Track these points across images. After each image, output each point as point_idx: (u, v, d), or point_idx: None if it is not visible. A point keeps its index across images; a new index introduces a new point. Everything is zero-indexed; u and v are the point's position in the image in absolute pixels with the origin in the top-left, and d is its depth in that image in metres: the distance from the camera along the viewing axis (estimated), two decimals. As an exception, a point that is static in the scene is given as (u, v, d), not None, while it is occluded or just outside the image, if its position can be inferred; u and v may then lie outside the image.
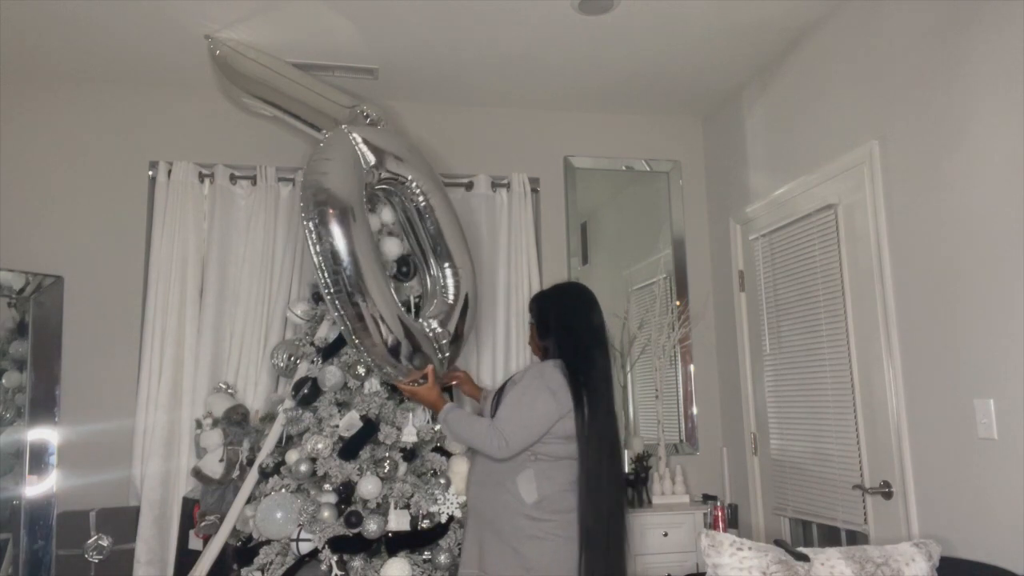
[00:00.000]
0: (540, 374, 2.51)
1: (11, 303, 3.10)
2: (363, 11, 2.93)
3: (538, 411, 2.44)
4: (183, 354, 3.29)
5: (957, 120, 2.37)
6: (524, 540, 2.40)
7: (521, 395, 2.47)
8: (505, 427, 2.43)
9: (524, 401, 2.46)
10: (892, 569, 2.08)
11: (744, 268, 3.64)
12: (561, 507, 2.44)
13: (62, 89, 3.46)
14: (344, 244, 2.57)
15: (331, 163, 2.72)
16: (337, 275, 2.56)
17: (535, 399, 2.45)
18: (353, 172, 2.77)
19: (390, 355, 2.66)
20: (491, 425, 2.45)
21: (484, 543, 2.49)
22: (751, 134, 3.59)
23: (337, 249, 2.57)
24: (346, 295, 2.57)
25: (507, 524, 2.44)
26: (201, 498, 3.01)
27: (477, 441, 2.48)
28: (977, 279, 2.29)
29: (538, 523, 2.41)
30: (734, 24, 3.08)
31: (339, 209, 2.61)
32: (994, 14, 2.24)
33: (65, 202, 3.38)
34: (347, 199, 2.65)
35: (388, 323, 2.63)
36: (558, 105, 3.88)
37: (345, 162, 2.76)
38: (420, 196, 2.99)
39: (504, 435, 2.42)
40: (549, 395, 2.45)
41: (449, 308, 2.95)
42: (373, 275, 2.62)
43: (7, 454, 2.97)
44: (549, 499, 2.44)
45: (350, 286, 2.57)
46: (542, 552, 2.39)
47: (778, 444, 3.31)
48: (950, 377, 2.39)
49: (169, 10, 2.90)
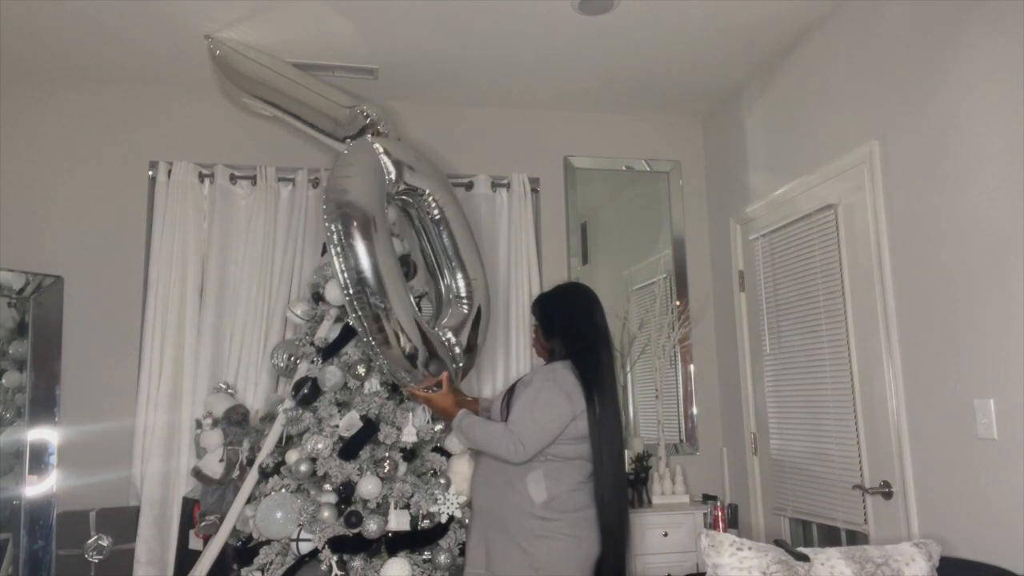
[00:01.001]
0: (552, 376, 2.50)
1: (11, 303, 3.10)
2: (363, 11, 2.93)
3: (553, 413, 2.44)
4: (183, 354, 3.29)
5: (957, 120, 2.37)
6: (532, 540, 2.40)
7: (535, 398, 2.47)
8: (521, 431, 2.43)
9: (538, 404, 2.46)
10: (892, 569, 2.08)
11: (744, 268, 3.64)
12: (569, 506, 2.44)
13: (62, 89, 3.46)
14: (367, 258, 2.60)
15: (355, 171, 2.76)
16: (360, 287, 2.59)
17: (550, 401, 2.45)
18: (376, 182, 2.81)
19: (407, 361, 2.68)
20: (506, 429, 2.45)
21: (491, 543, 2.48)
22: (751, 134, 3.59)
23: (360, 262, 2.60)
24: (369, 307, 2.60)
25: (515, 524, 2.44)
26: (201, 498, 3.01)
27: (493, 446, 2.47)
28: (977, 279, 2.29)
29: (547, 523, 2.41)
30: (734, 24, 3.08)
31: (362, 219, 2.63)
32: (993, 14, 2.24)
33: (65, 202, 3.39)
34: (370, 209, 2.68)
35: (407, 332, 2.66)
36: (558, 105, 3.88)
37: (369, 172, 2.81)
38: (435, 209, 3.05)
39: (520, 439, 2.42)
40: (564, 397, 2.45)
41: (464, 318, 2.99)
42: (394, 286, 2.66)
43: (7, 454, 2.97)
44: (558, 499, 2.44)
45: (371, 296, 2.59)
46: (551, 551, 2.39)
47: (778, 444, 3.31)
48: (950, 377, 2.39)
49: (169, 10, 2.90)
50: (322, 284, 2.98)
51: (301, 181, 3.53)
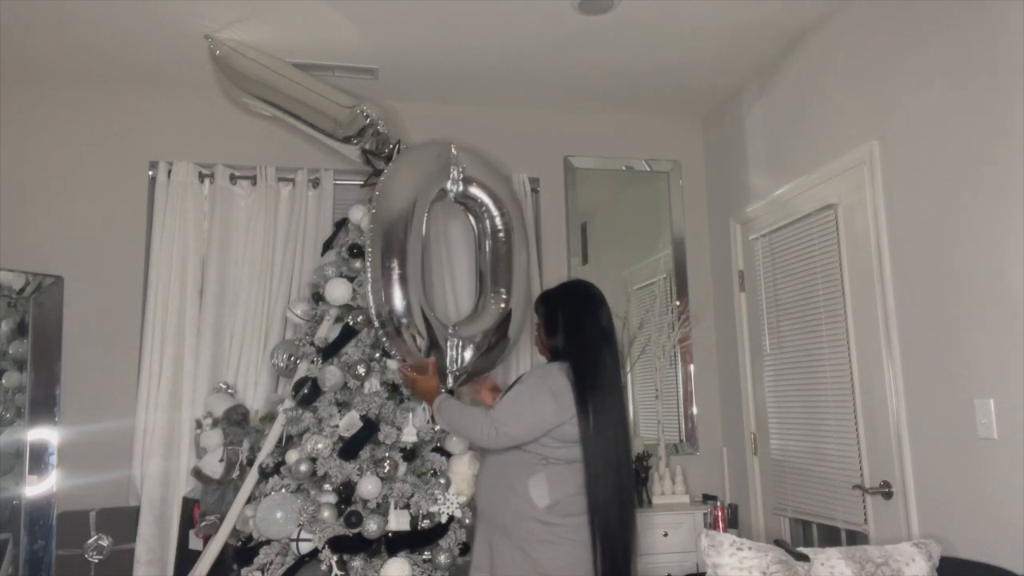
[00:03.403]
0: (544, 375, 2.47)
1: (11, 303, 3.10)
2: (363, 11, 2.93)
3: (535, 409, 2.39)
4: (183, 354, 3.29)
5: (957, 120, 2.37)
6: (535, 544, 2.35)
7: (520, 391, 2.45)
8: (500, 417, 2.39)
9: (522, 398, 2.43)
10: (892, 569, 2.08)
11: (744, 268, 3.64)
12: (572, 510, 2.39)
13: (62, 89, 3.46)
14: (400, 294, 2.82)
15: (408, 172, 2.99)
16: (386, 318, 2.83)
17: (534, 397, 2.41)
18: (429, 182, 3.02)
19: (412, 347, 2.86)
20: (485, 414, 2.43)
21: (494, 547, 2.45)
22: (751, 134, 3.59)
23: (394, 299, 2.82)
24: (394, 329, 2.84)
25: (518, 528, 2.39)
26: (201, 498, 3.01)
27: (469, 429, 2.44)
28: (977, 279, 2.29)
29: (550, 527, 2.36)
30: (734, 24, 3.08)
31: (399, 236, 2.87)
32: (993, 13, 2.24)
33: (65, 202, 3.39)
34: (408, 215, 2.91)
35: (421, 332, 2.86)
36: (558, 105, 3.88)
37: (427, 171, 3.03)
38: (497, 217, 3.17)
39: (497, 425, 2.38)
40: (550, 397, 2.40)
41: (482, 335, 3.02)
42: (418, 302, 2.86)
43: (7, 454, 2.97)
44: (561, 503, 2.38)
45: (397, 321, 2.83)
46: (555, 557, 2.34)
47: (778, 444, 3.31)
48: (950, 377, 2.39)
49: (169, 10, 2.90)
50: (322, 284, 2.98)
51: (301, 181, 3.53)
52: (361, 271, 2.99)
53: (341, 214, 3.36)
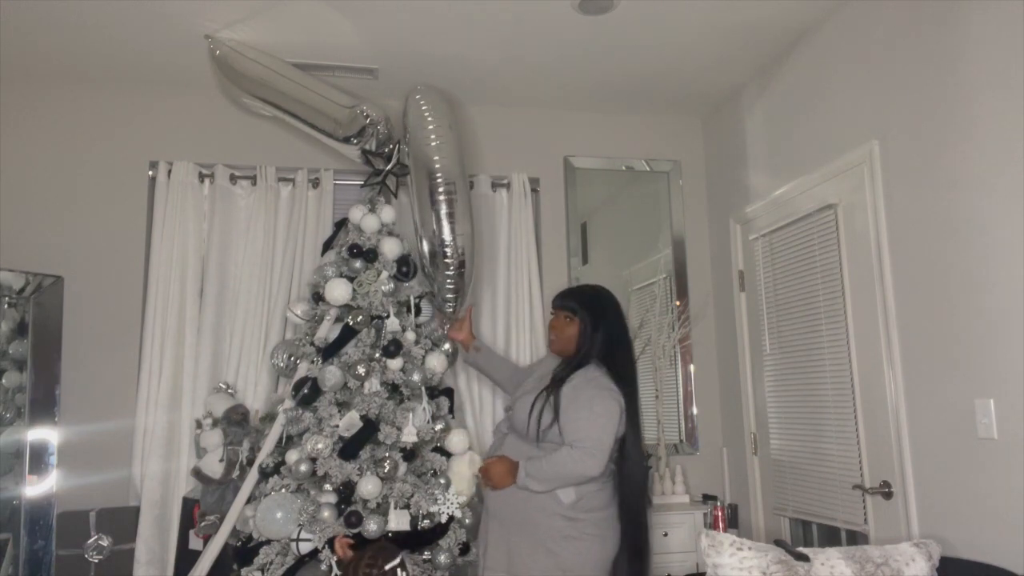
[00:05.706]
0: (601, 385, 2.55)
1: (11, 303, 3.10)
2: (363, 11, 2.93)
3: (612, 419, 2.51)
4: (183, 354, 3.29)
5: (957, 120, 2.37)
6: (560, 540, 2.44)
7: (592, 408, 2.50)
8: (586, 443, 2.46)
9: (597, 411, 2.50)
10: (892, 569, 2.08)
11: (744, 268, 3.64)
12: (593, 505, 2.50)
13: (62, 89, 3.46)
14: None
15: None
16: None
17: (609, 409, 2.51)
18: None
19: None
20: (569, 451, 2.47)
21: (513, 547, 2.50)
22: (751, 134, 3.59)
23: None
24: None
25: (543, 525, 2.47)
26: (201, 498, 3.01)
27: (569, 475, 2.47)
28: (977, 279, 2.29)
29: (574, 523, 2.46)
30: (734, 24, 3.08)
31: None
32: (993, 12, 2.24)
33: (65, 202, 3.38)
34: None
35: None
36: (558, 105, 3.88)
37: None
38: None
39: (588, 452, 2.45)
40: (616, 404, 2.52)
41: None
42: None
43: (7, 454, 2.97)
44: (585, 498, 2.49)
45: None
46: (577, 552, 2.44)
47: (778, 444, 3.31)
48: (950, 377, 2.39)
49: (169, 10, 2.90)
50: (322, 284, 2.98)
51: (301, 181, 3.53)
52: (361, 271, 2.99)
53: (341, 214, 3.36)
